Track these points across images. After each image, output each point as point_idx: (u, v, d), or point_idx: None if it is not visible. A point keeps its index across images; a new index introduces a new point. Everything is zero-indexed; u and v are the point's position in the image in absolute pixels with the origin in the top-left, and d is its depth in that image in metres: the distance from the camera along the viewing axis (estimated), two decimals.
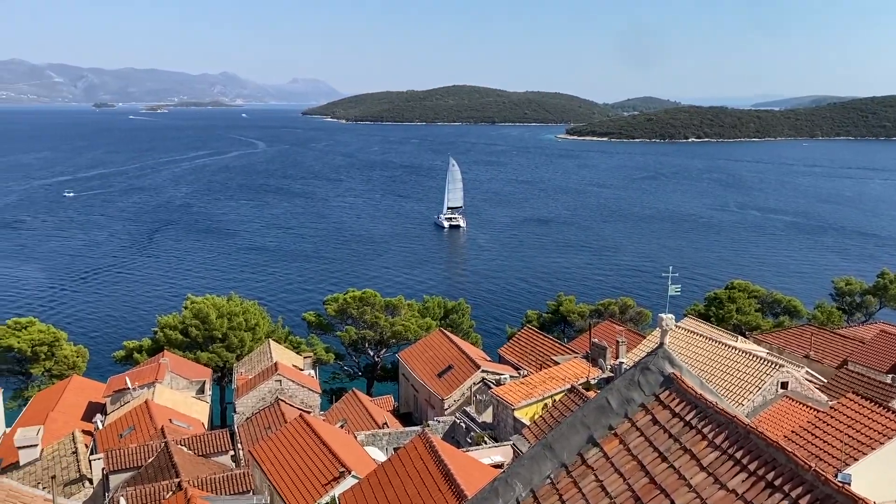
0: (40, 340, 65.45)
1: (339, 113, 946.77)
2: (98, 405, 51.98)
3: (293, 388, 52.01)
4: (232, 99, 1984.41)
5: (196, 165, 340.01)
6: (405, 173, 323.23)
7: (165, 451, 34.05)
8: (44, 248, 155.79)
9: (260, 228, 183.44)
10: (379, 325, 68.61)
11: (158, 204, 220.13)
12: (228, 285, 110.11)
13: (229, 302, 68.80)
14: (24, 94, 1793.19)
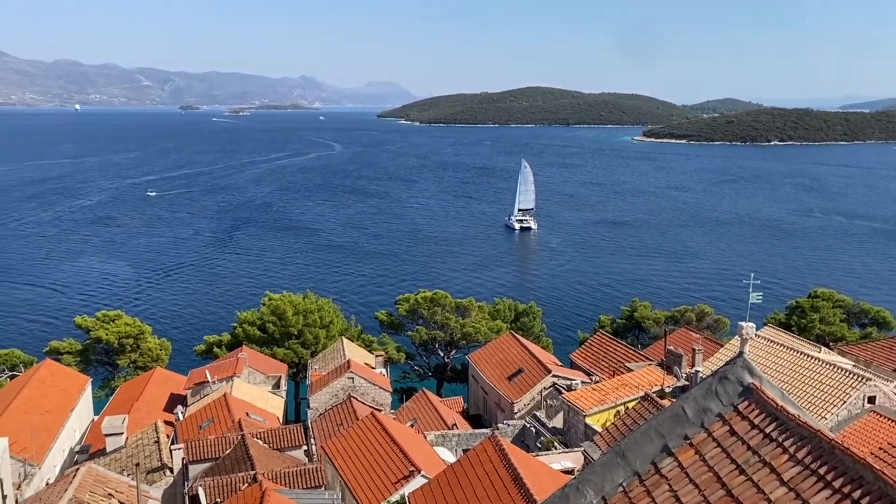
0: (127, 333, 68.47)
1: (412, 115, 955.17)
2: (179, 397, 53.98)
3: (365, 386, 52.74)
4: (310, 102, 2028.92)
5: (276, 166, 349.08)
6: (477, 175, 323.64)
7: (242, 444, 35.08)
8: (131, 244, 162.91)
9: (336, 227, 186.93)
10: (449, 327, 68.90)
11: (240, 203, 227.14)
12: (305, 283, 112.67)
13: (305, 299, 70.37)
14: (116, 97, 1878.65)
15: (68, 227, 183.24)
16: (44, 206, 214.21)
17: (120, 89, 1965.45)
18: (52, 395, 52.42)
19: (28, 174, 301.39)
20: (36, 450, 43.95)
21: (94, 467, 28.02)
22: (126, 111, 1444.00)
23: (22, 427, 44.03)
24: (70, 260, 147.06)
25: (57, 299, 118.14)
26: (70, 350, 69.00)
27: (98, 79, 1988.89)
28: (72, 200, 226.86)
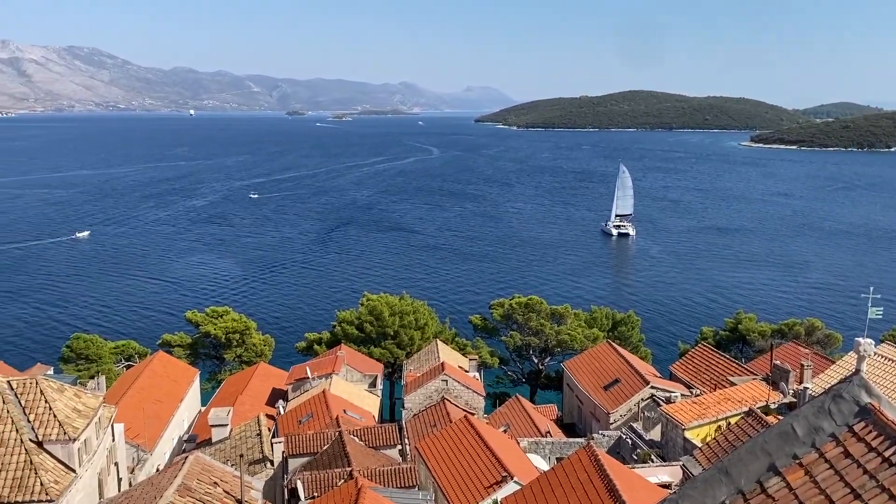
0: (233, 328, 71.57)
1: (510, 119, 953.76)
2: (280, 392, 55.90)
3: (458, 389, 53.03)
4: (410, 107, 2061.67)
5: (376, 170, 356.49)
6: (574, 179, 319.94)
7: (339, 441, 35.98)
8: (239, 242, 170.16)
9: (432, 230, 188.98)
10: (544, 333, 68.35)
11: (341, 205, 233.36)
12: (401, 285, 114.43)
13: (401, 301, 71.49)
14: (228, 103, 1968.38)
15: (182, 226, 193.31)
16: (161, 206, 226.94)
17: (231, 95, 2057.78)
18: (164, 386, 55.38)
19: (147, 175, 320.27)
20: (148, 437, 46.58)
21: (201, 456, 29.43)
22: (237, 116, 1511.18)
23: (136, 415, 46.75)
24: (183, 257, 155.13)
25: (170, 294, 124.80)
26: (181, 343, 72.76)
27: (211, 85, 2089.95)
28: (186, 201, 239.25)
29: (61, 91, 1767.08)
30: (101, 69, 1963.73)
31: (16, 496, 29.78)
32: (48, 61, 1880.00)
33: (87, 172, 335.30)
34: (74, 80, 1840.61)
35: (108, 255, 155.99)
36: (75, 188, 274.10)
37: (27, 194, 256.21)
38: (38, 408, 32.75)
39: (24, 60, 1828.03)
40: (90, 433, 34.19)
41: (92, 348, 70.09)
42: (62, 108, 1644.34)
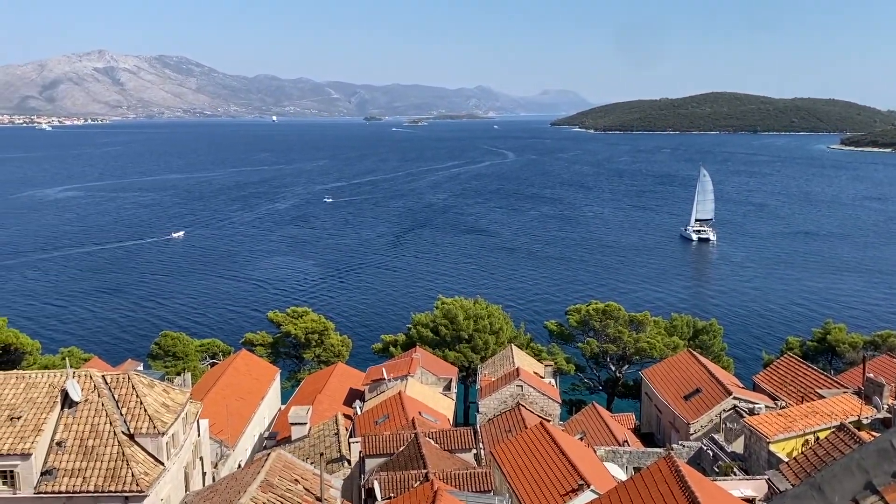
0: (313, 329, 73.18)
1: (587, 123, 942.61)
2: (357, 392, 56.80)
3: (534, 395, 52.70)
4: (485, 111, 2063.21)
5: (452, 174, 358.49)
6: (653, 183, 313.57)
7: (415, 442, 36.31)
8: (319, 245, 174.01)
9: (508, 233, 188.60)
10: (622, 340, 67.18)
11: (417, 208, 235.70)
12: (476, 288, 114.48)
13: (476, 305, 71.57)
14: (308, 109, 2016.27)
15: (266, 228, 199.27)
16: (246, 209, 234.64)
17: (312, 101, 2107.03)
18: (246, 384, 57.09)
19: (233, 179, 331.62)
20: (231, 433, 48.11)
21: (282, 454, 30.24)
22: (316, 122, 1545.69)
23: (220, 411, 48.35)
24: (266, 258, 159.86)
25: (253, 294, 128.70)
26: (262, 342, 74.87)
27: (293, 92, 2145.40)
28: (269, 204, 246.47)
29: (152, 98, 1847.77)
30: (189, 77, 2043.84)
31: (109, 486, 31.30)
32: (140, 70, 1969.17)
33: (176, 176, 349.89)
34: (164, 87, 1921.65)
35: (198, 255, 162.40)
36: (166, 191, 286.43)
37: (122, 197, 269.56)
38: (130, 402, 34.33)
39: (118, 69, 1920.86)
40: (178, 428, 35.59)
41: (179, 346, 72.94)
42: (153, 114, 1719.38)
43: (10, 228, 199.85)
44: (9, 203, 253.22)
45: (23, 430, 31.72)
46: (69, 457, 32.20)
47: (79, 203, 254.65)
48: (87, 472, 31.73)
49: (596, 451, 42.29)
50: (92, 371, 35.91)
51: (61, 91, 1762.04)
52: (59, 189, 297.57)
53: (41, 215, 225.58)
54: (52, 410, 32.81)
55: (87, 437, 32.80)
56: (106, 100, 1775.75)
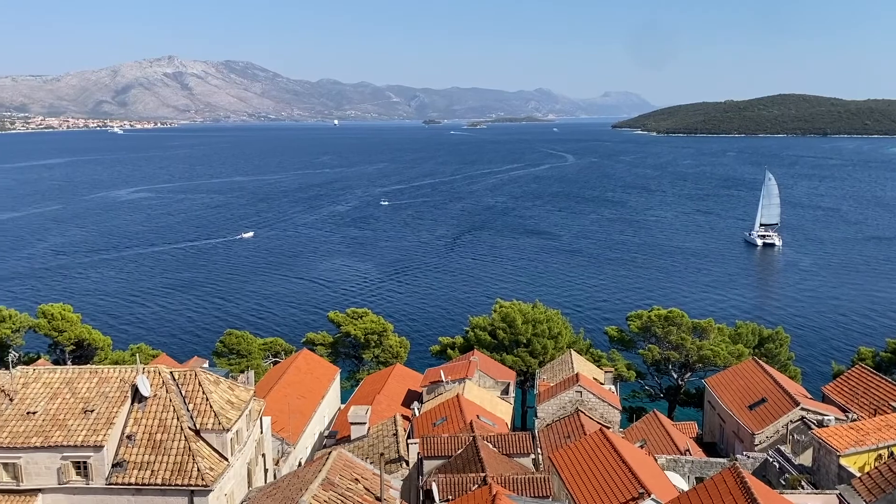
0: (372, 330, 73.93)
1: (649, 125, 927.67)
2: (415, 393, 57.05)
3: (593, 401, 52.04)
4: (544, 114, 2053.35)
5: (511, 177, 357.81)
6: (717, 186, 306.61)
7: (473, 445, 36.28)
8: (378, 246, 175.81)
9: (568, 237, 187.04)
10: (685, 347, 65.77)
11: (476, 211, 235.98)
12: (534, 292, 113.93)
13: (534, 309, 71.10)
14: (368, 113, 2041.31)
15: (328, 229, 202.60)
16: (309, 210, 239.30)
17: (372, 105, 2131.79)
18: (307, 382, 57.97)
19: (297, 182, 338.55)
20: (292, 430, 48.91)
21: (343, 452, 30.60)
22: (376, 125, 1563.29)
23: (282, 409, 49.25)
24: (327, 258, 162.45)
25: (314, 294, 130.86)
26: (323, 342, 76.02)
27: (354, 96, 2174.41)
28: (331, 206, 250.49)
29: (218, 103, 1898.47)
30: (255, 82, 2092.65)
31: (176, 479, 32.20)
32: (207, 75, 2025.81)
33: (241, 179, 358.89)
34: (230, 92, 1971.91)
35: (263, 255, 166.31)
36: (232, 193, 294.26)
37: (190, 198, 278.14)
38: (197, 398, 35.26)
39: (186, 75, 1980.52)
40: (241, 424, 36.38)
41: (243, 344, 74.63)
42: (219, 118, 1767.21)
43: (86, 228, 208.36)
44: (84, 204, 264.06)
45: (95, 423, 32.91)
46: (138, 450, 33.25)
47: (149, 204, 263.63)
48: (155, 465, 32.71)
49: (657, 459, 41.50)
50: (160, 367, 37.01)
51: (133, 96, 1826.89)
52: (130, 190, 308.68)
53: (114, 215, 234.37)
54: (122, 405, 33.95)
55: (155, 431, 33.83)
56: (175, 104, 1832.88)
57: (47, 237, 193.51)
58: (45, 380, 35.52)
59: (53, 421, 33.16)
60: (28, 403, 34.06)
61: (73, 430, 32.74)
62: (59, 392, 34.70)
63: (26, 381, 35.51)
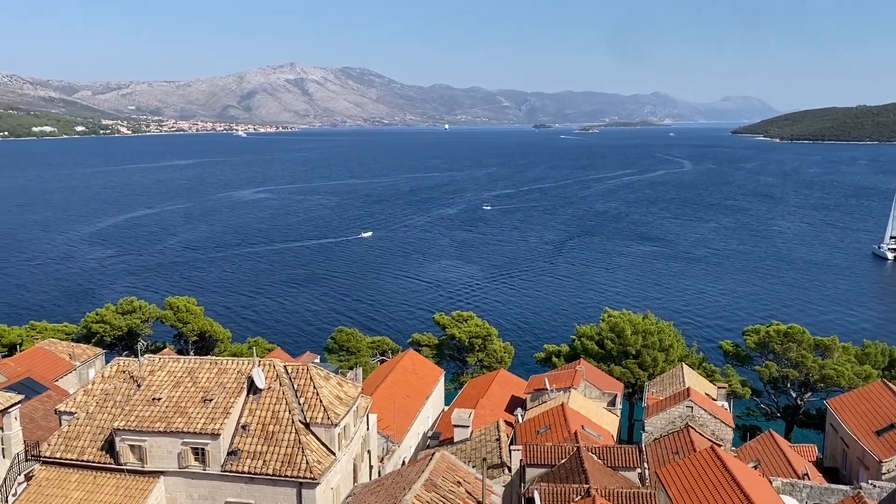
0: (476, 333, 74.21)
1: (772, 131, 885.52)
2: (519, 400, 56.76)
3: (704, 417, 50.09)
4: (660, 118, 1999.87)
5: (624, 182, 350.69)
6: (845, 196, 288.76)
7: (577, 456, 35.66)
8: (486, 250, 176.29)
9: (683, 245, 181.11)
10: (805, 366, 62.25)
11: (586, 216, 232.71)
12: (645, 302, 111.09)
13: (645, 320, 69.22)
14: (479, 117, 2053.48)
15: (438, 232, 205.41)
16: (420, 213, 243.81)
17: (483, 110, 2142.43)
18: (413, 382, 58.85)
19: (409, 185, 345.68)
20: (397, 429, 49.79)
21: (446, 454, 30.86)
22: (486, 130, 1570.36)
23: (387, 407, 50.22)
24: (435, 260, 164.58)
25: (422, 295, 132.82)
26: (428, 343, 76.99)
27: (465, 101, 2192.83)
28: (441, 209, 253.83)
29: (335, 108, 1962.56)
30: (370, 88, 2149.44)
31: (286, 470, 33.45)
32: (326, 81, 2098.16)
33: (356, 181, 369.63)
34: (347, 97, 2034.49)
35: (375, 256, 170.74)
36: (348, 195, 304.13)
37: (309, 199, 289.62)
38: (308, 392, 36.50)
39: (307, 81, 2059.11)
40: (349, 420, 37.36)
41: (352, 341, 76.70)
42: (336, 123, 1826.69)
43: (213, 225, 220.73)
44: (212, 202, 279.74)
45: (213, 412, 34.67)
46: (252, 440, 34.77)
47: (271, 204, 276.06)
48: (267, 455, 34.10)
49: (772, 482, 39.44)
50: (275, 361, 38.55)
51: (256, 101, 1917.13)
52: (253, 191, 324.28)
53: (239, 214, 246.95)
54: (239, 395, 35.60)
55: (268, 422, 35.27)
56: (295, 109, 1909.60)
57: (178, 233, 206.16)
58: (170, 368, 37.76)
59: (176, 408, 35.18)
60: (154, 390, 36.30)
61: (193, 417, 34.61)
62: (181, 381, 36.78)
63: (153, 368, 37.89)
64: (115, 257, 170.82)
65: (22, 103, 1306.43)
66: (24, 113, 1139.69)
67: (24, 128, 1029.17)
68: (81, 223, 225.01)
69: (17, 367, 56.32)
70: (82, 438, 36.00)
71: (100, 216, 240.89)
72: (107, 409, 36.96)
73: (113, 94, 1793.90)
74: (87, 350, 67.23)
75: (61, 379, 58.00)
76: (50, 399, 47.97)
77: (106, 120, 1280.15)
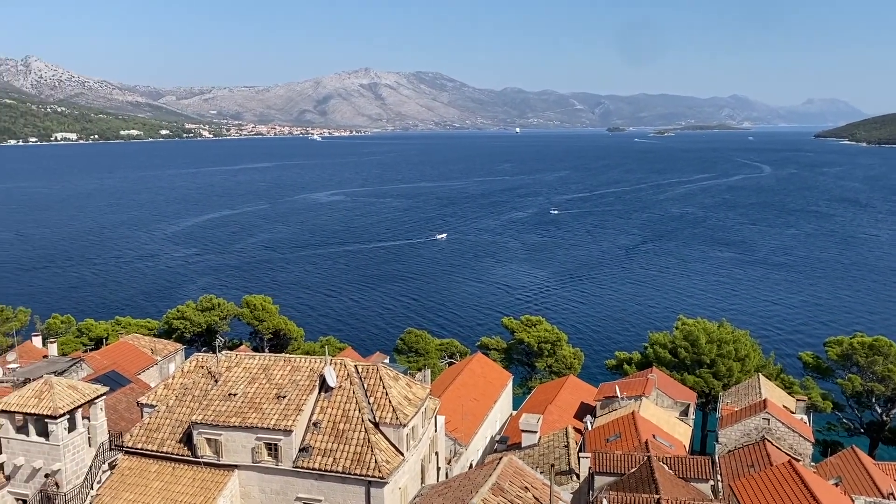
0: (546, 338, 73.71)
1: (858, 135, 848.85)
2: (588, 407, 56.05)
3: (782, 431, 48.37)
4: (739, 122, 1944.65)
5: (701, 187, 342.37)
6: None
7: (647, 465, 35.01)
8: (556, 254, 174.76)
9: (762, 253, 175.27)
10: (892, 380, 59.45)
11: (661, 221, 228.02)
12: (721, 310, 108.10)
13: (720, 328, 67.37)
14: (551, 121, 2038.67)
15: (508, 235, 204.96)
16: (491, 216, 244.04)
17: (555, 113, 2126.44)
18: (481, 386, 58.83)
19: (480, 188, 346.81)
20: (464, 432, 49.88)
21: (514, 459, 30.76)
22: (558, 133, 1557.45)
23: (455, 409, 50.37)
24: (504, 264, 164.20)
25: (490, 298, 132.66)
26: (497, 347, 76.91)
27: (537, 104, 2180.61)
28: (511, 212, 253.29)
29: (407, 112, 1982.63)
30: (442, 92, 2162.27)
31: (355, 468, 33.95)
32: (399, 86, 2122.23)
33: (428, 184, 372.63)
34: (419, 101, 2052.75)
35: (446, 258, 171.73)
36: (420, 197, 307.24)
37: (382, 201, 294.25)
38: (377, 392, 36.97)
39: (380, 86, 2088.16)
40: (417, 421, 37.65)
41: (421, 343, 77.34)
42: (408, 127, 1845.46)
43: (290, 226, 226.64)
44: (289, 204, 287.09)
45: (287, 408, 35.50)
46: (323, 437, 35.43)
47: (345, 206, 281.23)
48: (337, 453, 34.68)
49: (854, 500, 37.77)
50: (346, 360, 39.20)
51: (332, 105, 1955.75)
52: (328, 193, 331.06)
53: (314, 215, 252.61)
54: (311, 393, 36.35)
55: (338, 420, 35.89)
56: (368, 113, 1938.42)
57: (256, 233, 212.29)
58: (246, 365, 38.87)
59: (251, 403, 36.18)
60: (230, 386, 37.44)
61: (267, 413, 35.51)
62: (256, 377, 37.82)
63: (230, 365, 39.09)
64: (197, 256, 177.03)
65: (111, 108, 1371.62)
66: (112, 117, 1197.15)
67: (112, 131, 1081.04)
68: (166, 222, 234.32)
69: (103, 360, 59.09)
70: (162, 430, 37.43)
71: (183, 216, 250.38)
72: (185, 402, 38.33)
73: (196, 98, 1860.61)
74: (167, 345, 69.87)
75: (143, 372, 60.46)
76: (133, 392, 50.11)
77: (189, 124, 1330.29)
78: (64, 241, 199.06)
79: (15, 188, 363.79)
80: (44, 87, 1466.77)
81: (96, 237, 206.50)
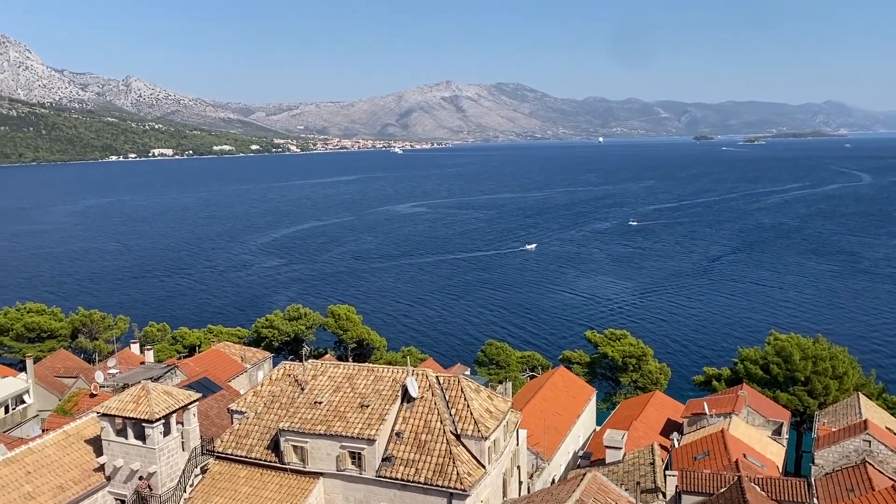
0: (630, 353, 72.11)
1: None
2: (675, 423, 54.47)
3: (885, 454, 45.67)
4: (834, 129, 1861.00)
5: (795, 196, 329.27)
6: None
7: (738, 486, 33.72)
8: (641, 266, 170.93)
9: (862, 264, 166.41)
10: None
11: (753, 231, 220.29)
12: (817, 325, 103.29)
13: (815, 344, 64.28)
14: (635, 129, 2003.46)
15: (594, 246, 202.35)
16: (574, 227, 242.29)
17: (639, 122, 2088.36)
18: (563, 400, 58.09)
19: (564, 199, 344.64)
20: (547, 446, 49.30)
21: (598, 476, 30.19)
22: (643, 142, 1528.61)
23: (537, 423, 49.85)
24: (588, 275, 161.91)
25: (573, 310, 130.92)
26: (579, 361, 75.79)
27: (621, 113, 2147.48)
28: (595, 223, 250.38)
29: (488, 123, 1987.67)
30: (523, 102, 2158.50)
31: (437, 480, 34.03)
32: (480, 97, 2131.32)
33: (510, 195, 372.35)
34: (500, 113, 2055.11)
35: (528, 269, 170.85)
36: (502, 208, 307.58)
37: (464, 212, 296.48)
38: (459, 404, 37.01)
39: (461, 98, 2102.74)
40: (499, 434, 37.46)
41: (502, 355, 77.05)
42: (488, 138, 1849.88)
43: (375, 237, 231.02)
44: (373, 216, 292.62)
45: (370, 418, 35.98)
46: (405, 448, 35.71)
47: (428, 217, 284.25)
48: (419, 464, 34.87)
49: None
50: (428, 371, 39.42)
51: (413, 118, 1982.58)
52: (411, 204, 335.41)
53: (398, 227, 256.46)
54: (394, 403, 36.73)
55: (420, 431, 36.11)
56: (449, 125, 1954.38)
57: (342, 244, 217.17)
58: (331, 374, 39.65)
59: (335, 412, 36.85)
60: (315, 394, 38.26)
61: (351, 422, 36.08)
62: (341, 386, 38.51)
63: (315, 373, 39.96)
64: (285, 266, 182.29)
65: (205, 124, 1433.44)
66: (206, 133, 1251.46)
67: (206, 147, 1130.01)
68: (258, 234, 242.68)
69: (196, 367, 61.51)
70: (251, 437, 38.58)
71: (274, 228, 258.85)
72: (273, 409, 39.39)
73: (284, 114, 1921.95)
74: (256, 353, 72.11)
75: (233, 379, 62.59)
76: (223, 398, 51.87)
77: (277, 139, 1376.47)
78: (161, 252, 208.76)
79: (118, 201, 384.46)
80: (143, 106, 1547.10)
81: (191, 248, 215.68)
